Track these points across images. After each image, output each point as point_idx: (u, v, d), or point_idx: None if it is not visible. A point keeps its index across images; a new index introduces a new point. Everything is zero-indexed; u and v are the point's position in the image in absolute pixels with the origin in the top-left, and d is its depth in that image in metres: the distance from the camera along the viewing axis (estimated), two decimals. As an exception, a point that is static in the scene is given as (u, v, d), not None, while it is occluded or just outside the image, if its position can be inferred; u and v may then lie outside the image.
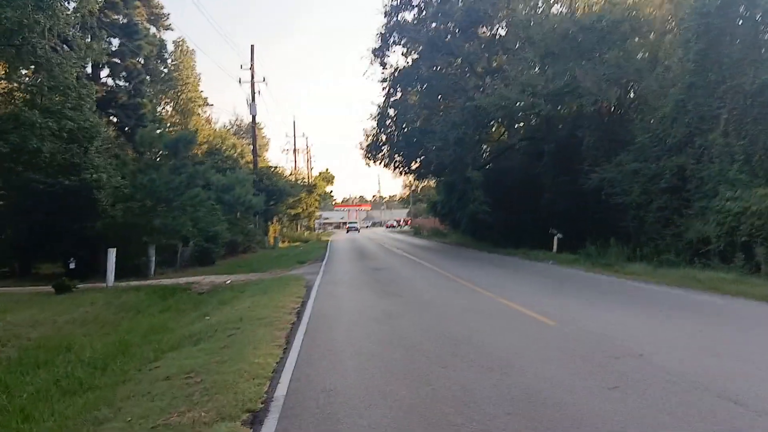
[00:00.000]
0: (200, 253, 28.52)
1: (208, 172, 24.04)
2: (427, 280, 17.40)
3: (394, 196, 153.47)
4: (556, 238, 24.39)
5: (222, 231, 30.50)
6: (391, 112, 33.70)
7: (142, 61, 34.80)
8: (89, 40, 26.93)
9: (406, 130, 33.02)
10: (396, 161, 35.06)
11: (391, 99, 33.77)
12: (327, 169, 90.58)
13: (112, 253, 19.00)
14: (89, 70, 31.38)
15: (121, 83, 33.08)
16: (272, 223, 53.22)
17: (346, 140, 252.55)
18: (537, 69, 23.98)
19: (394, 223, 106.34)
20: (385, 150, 35.14)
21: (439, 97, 33.90)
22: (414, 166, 37.09)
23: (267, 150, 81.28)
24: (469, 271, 19.67)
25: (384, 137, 34.87)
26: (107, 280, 18.87)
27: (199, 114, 47.96)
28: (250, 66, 45.67)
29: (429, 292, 14.19)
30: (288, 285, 16.74)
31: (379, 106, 34.13)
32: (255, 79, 45.68)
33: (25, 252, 25.06)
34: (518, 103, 24.36)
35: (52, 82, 23.06)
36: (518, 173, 33.21)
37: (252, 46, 43.09)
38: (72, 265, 22.62)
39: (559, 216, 26.51)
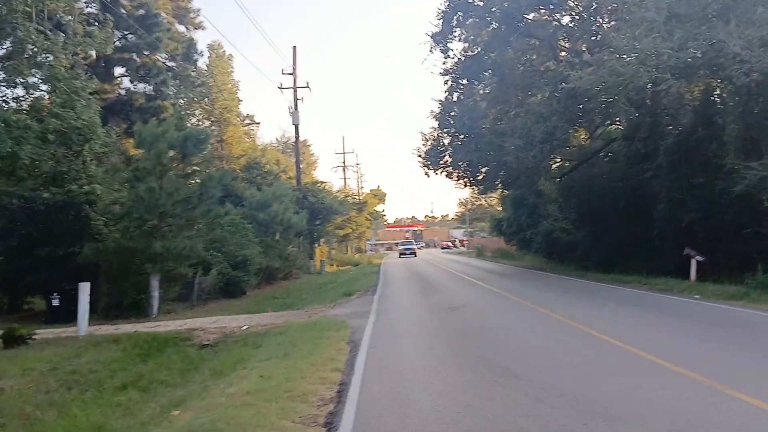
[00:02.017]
0: (226, 283, 23.25)
1: (225, 178, 18.74)
2: (537, 330, 11.37)
3: (446, 215, 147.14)
4: (694, 261, 17.86)
5: (254, 255, 25.23)
6: (456, 109, 27.89)
7: (168, 63, 30.40)
8: (92, 28, 22.55)
9: (472, 133, 27.19)
10: (461, 168, 29.08)
11: (455, 93, 27.99)
12: (378, 187, 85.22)
13: (84, 290, 13.80)
14: (102, 65, 27.07)
15: (139, 84, 28.57)
16: (319, 245, 48.08)
17: (399, 160, 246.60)
18: (658, 34, 17.80)
19: (449, 244, 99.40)
20: (447, 156, 29.26)
21: (510, 92, 27.97)
22: (479, 176, 31.00)
23: (315, 168, 76.85)
24: (588, 311, 13.49)
25: (446, 140, 29.04)
26: (79, 326, 13.66)
27: (235, 125, 43.37)
28: (291, 70, 41.04)
29: (561, 364, 8.13)
30: (324, 339, 11.02)
31: (440, 102, 28.37)
32: (297, 85, 41.05)
33: (10, 284, 20.44)
34: (631, 83, 18.20)
35: (37, 73, 18.79)
36: (612, 181, 26.81)
37: (294, 47, 38.47)
38: (56, 302, 17.75)
39: (683, 232, 20.10)
